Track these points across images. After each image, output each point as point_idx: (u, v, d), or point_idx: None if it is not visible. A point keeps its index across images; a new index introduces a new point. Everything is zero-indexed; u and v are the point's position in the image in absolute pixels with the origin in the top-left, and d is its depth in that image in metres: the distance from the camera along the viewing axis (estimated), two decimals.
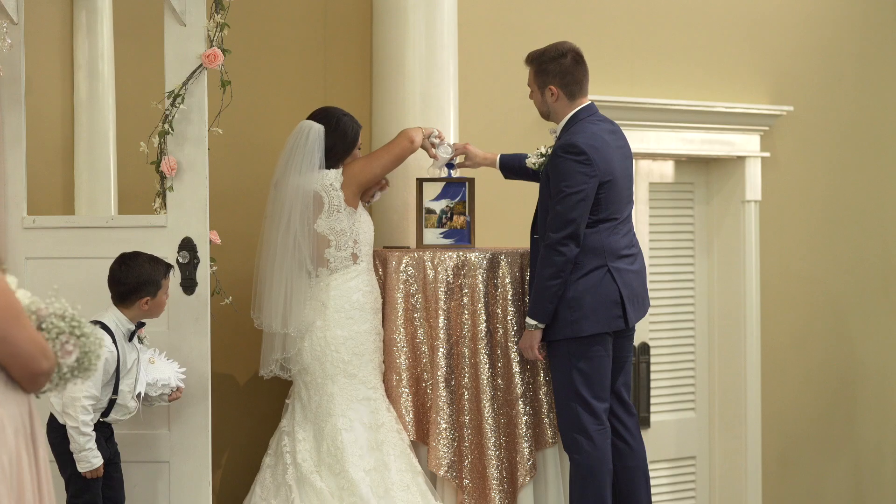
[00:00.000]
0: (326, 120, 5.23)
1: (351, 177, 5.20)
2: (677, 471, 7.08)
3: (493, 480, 5.17)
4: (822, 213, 7.31)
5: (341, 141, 5.24)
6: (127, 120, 5.30)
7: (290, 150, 5.20)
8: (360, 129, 5.31)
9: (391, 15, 5.67)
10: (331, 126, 5.22)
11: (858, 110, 7.39)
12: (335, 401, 5.12)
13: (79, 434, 4.46)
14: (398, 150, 5.28)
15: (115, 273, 4.63)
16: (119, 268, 4.62)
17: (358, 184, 5.22)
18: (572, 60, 5.14)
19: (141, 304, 4.60)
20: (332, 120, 5.23)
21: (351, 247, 5.19)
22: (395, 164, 5.28)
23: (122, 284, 4.60)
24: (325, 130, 5.21)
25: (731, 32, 6.94)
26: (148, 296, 4.60)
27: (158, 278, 4.63)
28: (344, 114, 5.27)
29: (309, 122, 5.23)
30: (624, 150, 5.19)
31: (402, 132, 5.32)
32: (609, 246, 5.07)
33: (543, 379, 5.28)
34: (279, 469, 5.15)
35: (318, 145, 5.19)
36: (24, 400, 3.14)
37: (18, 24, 4.83)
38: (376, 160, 5.26)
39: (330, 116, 5.24)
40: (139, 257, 4.64)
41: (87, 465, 4.50)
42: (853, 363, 7.43)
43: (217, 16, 4.82)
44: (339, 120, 5.24)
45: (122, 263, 4.63)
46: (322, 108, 5.30)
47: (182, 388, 4.73)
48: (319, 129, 5.20)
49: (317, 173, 5.18)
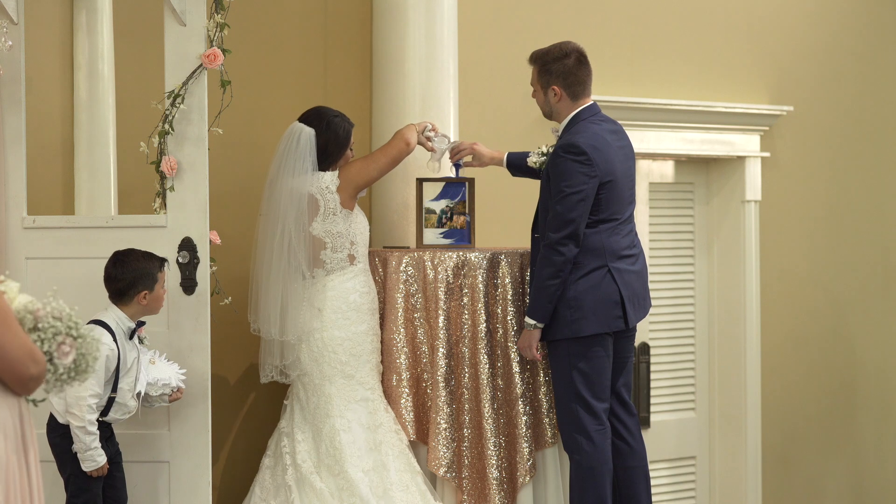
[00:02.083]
0: (318, 121, 5.21)
1: (347, 180, 5.19)
2: (677, 471, 7.08)
3: (493, 480, 5.17)
4: (822, 213, 7.30)
5: (333, 141, 5.22)
6: (127, 120, 5.30)
7: (282, 153, 5.19)
8: (353, 128, 5.30)
9: (391, 15, 5.67)
10: (322, 127, 5.20)
11: (858, 110, 7.39)
12: (333, 402, 5.12)
13: (85, 433, 4.46)
14: (394, 153, 5.28)
15: (110, 271, 4.62)
16: (113, 265, 4.62)
17: (355, 186, 5.21)
18: (576, 61, 5.14)
19: (139, 298, 4.60)
20: (324, 121, 5.22)
21: (348, 248, 5.19)
22: (391, 165, 5.28)
23: (119, 281, 4.60)
24: (317, 131, 5.19)
25: (731, 32, 6.94)
26: (145, 289, 4.60)
27: (154, 271, 4.63)
28: (335, 114, 5.26)
29: (300, 125, 5.21)
30: (626, 150, 5.19)
31: (398, 133, 5.32)
32: (610, 246, 5.07)
33: (543, 379, 5.28)
34: (278, 470, 5.15)
35: (309, 149, 5.18)
36: (15, 403, 3.13)
37: (18, 24, 4.83)
38: (373, 163, 5.25)
39: (321, 117, 5.23)
40: (132, 253, 4.65)
41: (92, 464, 4.50)
42: (853, 363, 7.43)
43: (217, 16, 4.82)
44: (329, 120, 5.22)
45: (116, 261, 4.63)
46: (314, 109, 5.28)
47: (183, 388, 4.73)
48: (310, 133, 5.18)
49: (311, 176, 5.17)
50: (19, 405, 3.14)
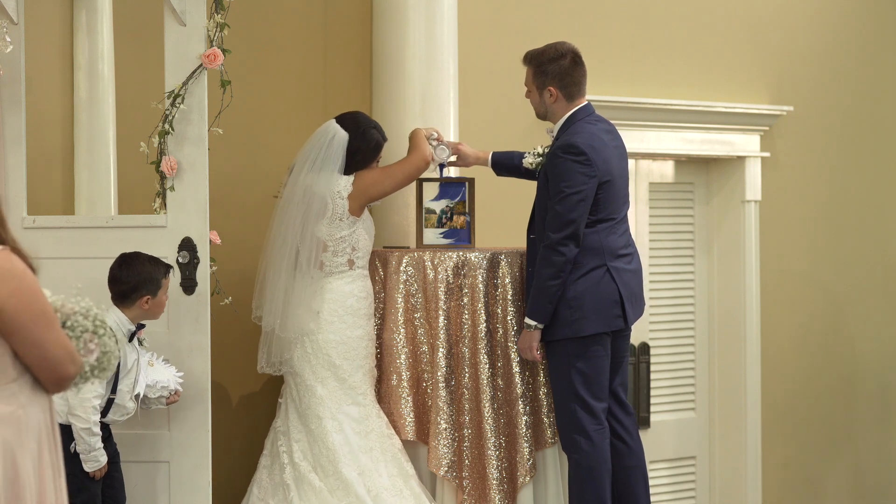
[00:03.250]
0: (354, 127, 5.20)
1: (360, 190, 5.17)
2: (677, 471, 7.08)
3: (493, 480, 5.17)
4: (822, 213, 7.31)
5: (364, 150, 5.21)
6: (127, 120, 5.30)
7: (311, 149, 5.18)
8: (385, 143, 5.29)
9: (391, 15, 5.67)
10: (357, 134, 5.19)
11: (858, 110, 7.39)
12: (325, 403, 5.11)
13: (90, 435, 4.47)
14: (412, 170, 5.26)
15: (116, 272, 4.63)
16: (119, 267, 4.63)
17: (367, 197, 5.20)
18: (571, 62, 5.14)
19: (141, 303, 4.61)
20: (360, 128, 5.21)
21: (348, 253, 5.18)
22: (407, 181, 5.28)
23: (123, 283, 4.61)
24: (351, 136, 5.18)
25: (731, 32, 6.94)
26: (148, 294, 4.61)
27: (158, 277, 4.64)
28: (373, 125, 5.25)
29: (336, 126, 5.20)
30: (620, 149, 5.20)
31: (416, 147, 5.27)
32: (608, 245, 5.07)
33: (543, 379, 5.28)
34: (276, 469, 5.15)
35: (339, 153, 5.17)
36: (46, 401, 3.16)
37: (18, 24, 4.83)
38: (389, 178, 5.23)
39: (358, 124, 5.21)
40: (139, 257, 4.66)
41: (95, 465, 4.51)
42: (853, 363, 7.43)
43: (217, 16, 4.82)
44: (366, 130, 5.21)
45: (123, 263, 4.64)
46: (352, 114, 5.27)
47: (180, 391, 4.74)
48: (343, 137, 5.17)
49: (330, 176, 5.16)
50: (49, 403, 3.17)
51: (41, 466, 3.11)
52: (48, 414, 3.16)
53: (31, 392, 3.11)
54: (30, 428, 3.08)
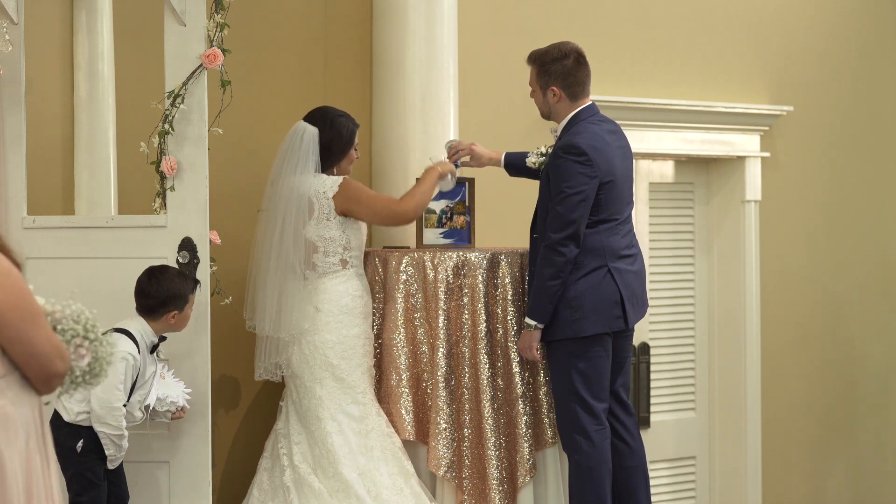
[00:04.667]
0: (322, 120, 5.20)
1: (346, 198, 5.11)
2: (677, 471, 7.08)
3: (493, 480, 5.17)
4: (822, 213, 7.31)
5: (337, 140, 5.21)
6: (127, 120, 5.30)
7: (285, 151, 5.18)
8: (357, 129, 5.28)
9: (391, 15, 5.67)
10: (325, 126, 5.19)
11: (858, 110, 7.39)
12: (324, 404, 5.11)
13: (121, 439, 4.54)
14: (386, 215, 5.19)
15: (144, 286, 4.64)
16: (148, 280, 4.64)
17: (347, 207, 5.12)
18: (575, 61, 5.14)
19: (168, 318, 4.63)
20: (327, 120, 5.21)
21: (340, 253, 5.17)
22: (376, 219, 5.24)
23: (151, 297, 4.62)
24: (320, 130, 5.18)
25: (731, 32, 6.94)
26: (176, 310, 4.63)
27: (186, 293, 4.66)
28: (340, 114, 5.25)
29: (304, 124, 5.21)
30: (624, 150, 5.19)
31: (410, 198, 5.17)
32: (609, 246, 5.07)
33: (543, 379, 5.28)
34: (276, 471, 5.15)
35: (312, 148, 5.17)
36: (36, 401, 3.15)
37: (18, 24, 4.83)
38: (366, 202, 5.13)
39: (325, 116, 5.22)
40: (168, 271, 4.67)
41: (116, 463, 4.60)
42: (853, 363, 7.43)
43: (217, 16, 4.82)
44: (333, 119, 5.21)
45: (151, 276, 4.65)
46: (318, 109, 5.28)
47: (187, 407, 4.75)
48: (313, 132, 5.17)
49: (312, 177, 5.15)
50: (39, 403, 3.16)
51: (29, 465, 3.09)
52: (38, 413, 3.15)
53: (20, 390, 3.09)
54: (18, 426, 3.07)
